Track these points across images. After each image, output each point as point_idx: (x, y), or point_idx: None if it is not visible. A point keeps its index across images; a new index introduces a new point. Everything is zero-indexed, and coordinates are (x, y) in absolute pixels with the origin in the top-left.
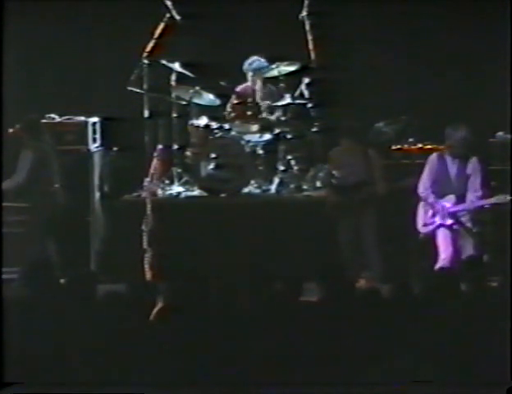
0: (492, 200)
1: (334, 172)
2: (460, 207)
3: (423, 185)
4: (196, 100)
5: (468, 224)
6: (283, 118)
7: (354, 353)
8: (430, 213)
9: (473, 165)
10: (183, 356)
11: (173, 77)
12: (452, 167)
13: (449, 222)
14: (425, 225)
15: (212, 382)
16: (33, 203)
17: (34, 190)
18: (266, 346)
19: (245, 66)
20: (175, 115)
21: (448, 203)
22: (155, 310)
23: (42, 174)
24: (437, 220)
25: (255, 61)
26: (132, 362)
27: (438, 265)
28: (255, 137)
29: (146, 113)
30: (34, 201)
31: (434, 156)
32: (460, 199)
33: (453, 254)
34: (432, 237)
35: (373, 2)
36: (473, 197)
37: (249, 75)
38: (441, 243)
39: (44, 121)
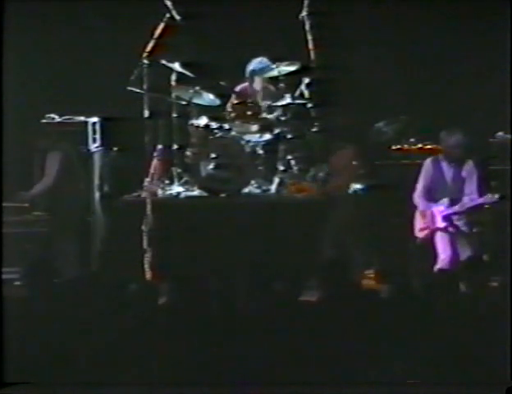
0: (480, 200)
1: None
2: (452, 209)
3: (417, 193)
4: (196, 100)
5: (464, 226)
6: (283, 118)
7: (355, 353)
8: (425, 218)
9: (468, 168)
10: (183, 356)
11: (173, 77)
12: (448, 171)
13: (442, 225)
14: (421, 230)
15: (212, 382)
16: (60, 205)
17: (62, 191)
18: (266, 346)
19: (250, 67)
20: (175, 115)
21: (441, 206)
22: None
23: (69, 175)
24: (432, 224)
25: (258, 61)
26: (132, 362)
27: (437, 266)
28: (255, 137)
29: (146, 113)
30: (61, 202)
31: (428, 161)
32: (454, 202)
33: (452, 255)
34: (429, 241)
35: (373, 2)
36: (467, 200)
37: (254, 75)
38: (439, 245)
39: (44, 121)
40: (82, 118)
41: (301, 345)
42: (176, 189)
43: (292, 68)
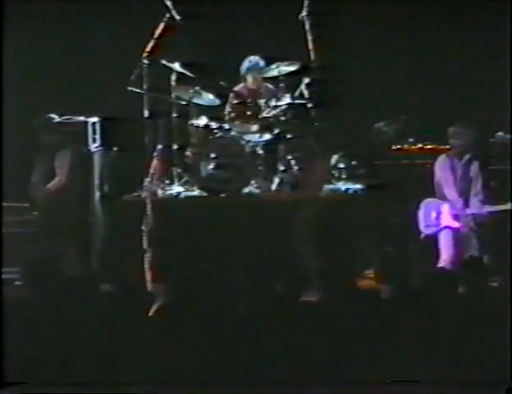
0: (500, 207)
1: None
2: (469, 211)
3: (446, 190)
4: (196, 100)
5: (473, 227)
6: (283, 118)
7: (354, 353)
8: (433, 214)
9: (474, 168)
10: (183, 356)
11: (173, 77)
12: (458, 169)
13: (456, 225)
14: (428, 226)
15: (212, 382)
16: (59, 205)
17: (62, 191)
18: (266, 346)
19: (243, 66)
20: (175, 115)
21: (455, 205)
22: (154, 308)
23: (69, 175)
24: (443, 222)
25: (250, 60)
26: (132, 362)
27: (439, 266)
28: (255, 137)
29: (146, 113)
30: (60, 202)
31: (443, 157)
32: (466, 201)
33: (454, 255)
34: (433, 238)
35: (373, 2)
36: (475, 200)
37: (246, 74)
38: (443, 244)
39: (44, 120)
40: (82, 118)
41: (301, 345)
42: (176, 189)
43: (292, 68)
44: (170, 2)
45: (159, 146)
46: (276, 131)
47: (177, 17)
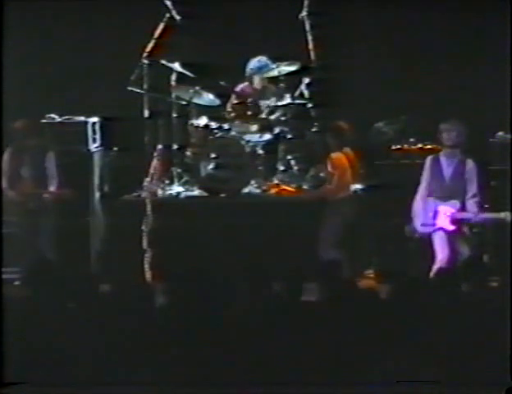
0: (502, 215)
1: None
2: (465, 215)
3: (420, 191)
4: (196, 100)
5: (468, 229)
6: (283, 118)
7: (355, 353)
8: (430, 214)
9: (469, 168)
10: (183, 356)
11: (173, 77)
12: (447, 169)
13: (451, 227)
14: (424, 225)
15: (212, 382)
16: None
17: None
18: (266, 346)
19: (251, 65)
20: (175, 115)
21: (452, 208)
22: (153, 308)
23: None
24: (438, 223)
25: (260, 60)
26: (132, 362)
27: (436, 266)
28: (255, 137)
29: (146, 113)
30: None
31: (428, 159)
32: (463, 204)
33: (450, 255)
34: (428, 238)
35: (373, 2)
36: (471, 202)
37: (254, 74)
38: (438, 244)
39: (44, 121)
40: (82, 118)
41: (301, 345)
42: (176, 189)
43: (292, 68)
44: (170, 2)
45: (159, 146)
46: (276, 131)
47: (177, 17)
